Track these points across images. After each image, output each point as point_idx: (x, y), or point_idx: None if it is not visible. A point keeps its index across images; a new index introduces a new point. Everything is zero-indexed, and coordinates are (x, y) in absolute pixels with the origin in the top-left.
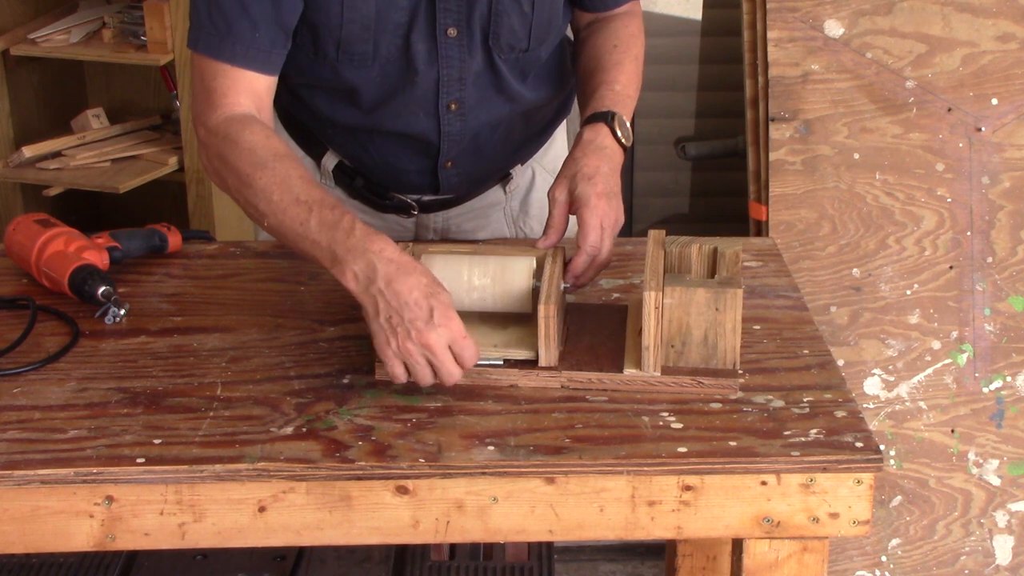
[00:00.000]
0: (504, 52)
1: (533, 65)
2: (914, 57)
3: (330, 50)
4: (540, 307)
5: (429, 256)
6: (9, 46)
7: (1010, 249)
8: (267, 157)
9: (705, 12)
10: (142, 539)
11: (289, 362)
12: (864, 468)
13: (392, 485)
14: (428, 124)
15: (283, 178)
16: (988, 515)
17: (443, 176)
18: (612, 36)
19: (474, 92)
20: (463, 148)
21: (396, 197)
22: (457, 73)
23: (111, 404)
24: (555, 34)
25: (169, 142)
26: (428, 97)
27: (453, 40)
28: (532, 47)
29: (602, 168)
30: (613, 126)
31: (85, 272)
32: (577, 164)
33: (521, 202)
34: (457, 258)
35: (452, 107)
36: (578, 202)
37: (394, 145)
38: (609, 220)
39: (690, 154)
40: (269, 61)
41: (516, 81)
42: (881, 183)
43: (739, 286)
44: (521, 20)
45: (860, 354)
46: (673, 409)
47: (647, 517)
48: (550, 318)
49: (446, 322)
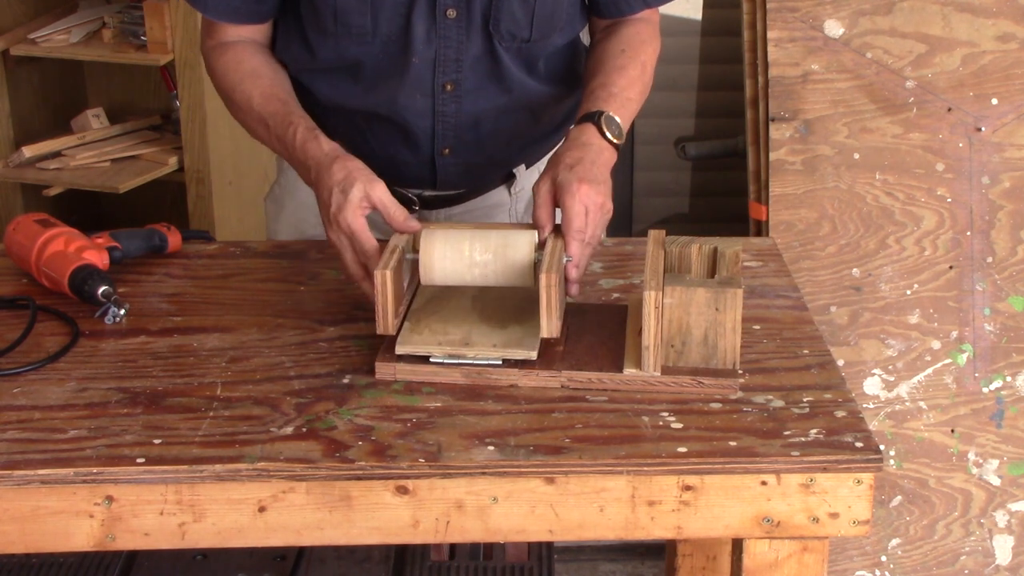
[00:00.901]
0: (504, 39)
1: (538, 57)
2: (914, 57)
3: (328, 23)
4: (542, 275)
5: (430, 232)
6: (9, 46)
7: (1010, 249)
8: (235, 80)
9: (705, 12)
10: (142, 539)
11: (289, 362)
12: (864, 468)
13: (392, 485)
14: (423, 105)
15: (246, 99)
16: (988, 515)
17: (440, 165)
18: (621, 41)
19: (472, 76)
20: (461, 136)
21: (398, 191)
22: (454, 54)
23: (111, 404)
24: (563, 29)
25: (169, 142)
26: (424, 76)
27: (452, 21)
28: (535, 38)
29: (585, 158)
30: (600, 124)
31: (85, 272)
32: (559, 157)
33: (527, 205)
34: (458, 233)
35: (448, 88)
36: (559, 189)
37: (391, 129)
38: (593, 203)
39: (690, 154)
40: (251, 12)
41: (519, 70)
42: (881, 183)
43: (739, 286)
44: (523, 8)
45: (860, 354)
46: (673, 409)
47: (647, 517)
48: (552, 287)
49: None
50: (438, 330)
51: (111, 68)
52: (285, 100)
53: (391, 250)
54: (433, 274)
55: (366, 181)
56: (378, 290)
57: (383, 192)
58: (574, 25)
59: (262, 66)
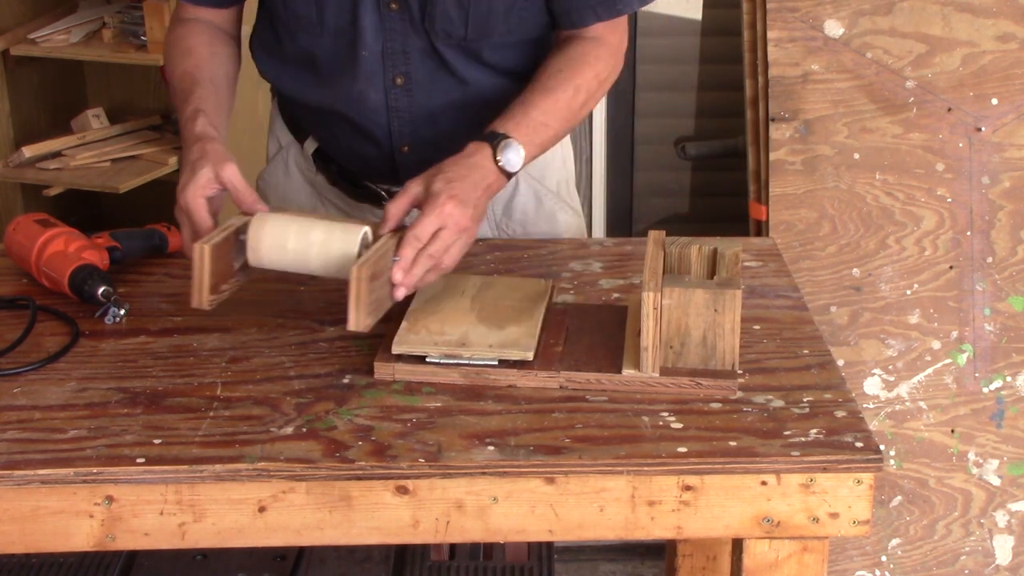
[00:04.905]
0: (439, 36)
1: (482, 54)
2: (914, 57)
3: (279, 10)
4: (353, 268)
5: (261, 216)
6: (9, 46)
7: (1010, 249)
8: (170, 55)
9: (705, 12)
10: (142, 539)
11: (289, 362)
12: (864, 468)
13: (392, 485)
14: (377, 100)
15: (171, 75)
16: (988, 515)
17: (400, 162)
18: (563, 60)
19: (421, 68)
20: (419, 132)
21: (368, 186)
22: (400, 47)
23: (111, 404)
24: (511, 31)
25: (169, 142)
26: (375, 70)
27: (396, 14)
28: (471, 37)
29: (469, 178)
30: (495, 148)
31: (85, 272)
32: (444, 166)
33: (505, 206)
34: (288, 219)
35: (398, 81)
36: (428, 196)
37: (352, 126)
38: (454, 222)
39: (690, 154)
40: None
41: (468, 64)
42: (881, 183)
43: (738, 287)
44: (457, 7)
45: (860, 354)
46: (673, 409)
47: (647, 517)
48: (361, 280)
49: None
50: (435, 330)
51: (111, 68)
52: (199, 80)
53: (222, 228)
54: (259, 256)
55: (216, 162)
56: (195, 263)
57: (232, 173)
58: (527, 27)
59: (200, 46)
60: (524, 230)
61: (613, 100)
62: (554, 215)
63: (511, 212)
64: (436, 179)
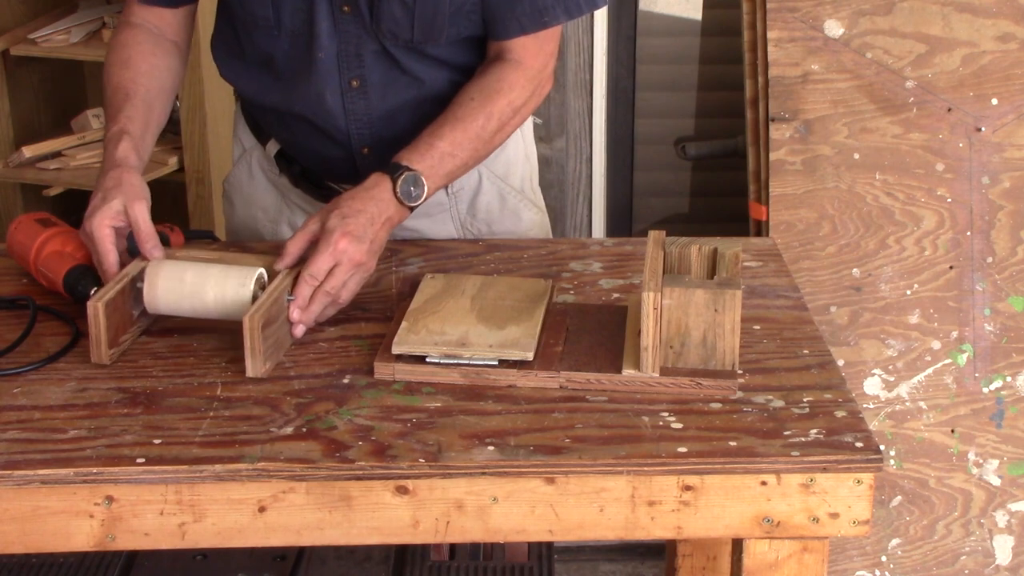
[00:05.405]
0: (387, 38)
1: (432, 55)
2: (914, 57)
3: (237, 9)
4: (245, 318)
5: (157, 263)
6: (9, 46)
7: (1010, 249)
8: (108, 62)
9: (705, 12)
10: (142, 539)
11: (289, 362)
12: (864, 468)
13: (392, 485)
14: (334, 103)
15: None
16: (988, 515)
17: (361, 164)
18: (476, 88)
19: (376, 71)
20: (378, 134)
21: (331, 186)
22: (355, 49)
23: (111, 404)
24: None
25: (169, 142)
26: (331, 72)
27: (349, 16)
28: (418, 39)
29: (364, 212)
30: (396, 181)
31: (79, 272)
32: (341, 200)
33: (469, 205)
34: (183, 265)
35: (354, 84)
36: (323, 233)
37: (311, 128)
38: (349, 259)
39: (690, 154)
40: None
41: (417, 64)
42: (881, 183)
43: (738, 287)
44: (403, 10)
45: (860, 354)
46: (673, 409)
47: (647, 517)
48: (254, 330)
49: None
50: (435, 330)
51: None
52: (131, 96)
53: (119, 278)
54: (156, 304)
55: (129, 196)
56: (90, 320)
57: (141, 211)
58: (474, 27)
59: (139, 56)
60: (489, 228)
61: (613, 100)
62: (518, 213)
63: (475, 211)
64: (332, 215)
